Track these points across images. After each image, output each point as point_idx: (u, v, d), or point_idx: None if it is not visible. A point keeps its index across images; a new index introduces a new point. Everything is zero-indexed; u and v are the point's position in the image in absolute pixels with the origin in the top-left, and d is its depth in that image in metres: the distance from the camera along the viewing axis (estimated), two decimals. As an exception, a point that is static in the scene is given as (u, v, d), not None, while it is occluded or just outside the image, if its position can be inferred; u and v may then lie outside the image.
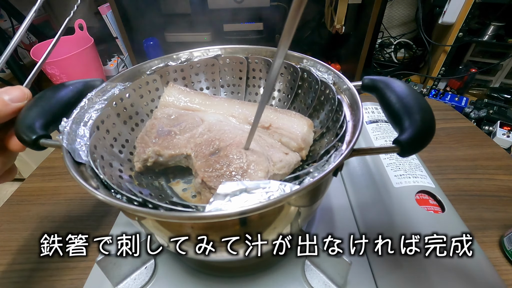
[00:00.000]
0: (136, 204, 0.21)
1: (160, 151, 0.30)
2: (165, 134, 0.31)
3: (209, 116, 0.34)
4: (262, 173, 0.26)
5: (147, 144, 0.30)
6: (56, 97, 0.28)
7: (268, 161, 0.28)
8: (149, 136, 0.31)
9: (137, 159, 0.30)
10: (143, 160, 0.30)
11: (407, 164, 0.39)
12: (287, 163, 0.29)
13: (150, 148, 0.30)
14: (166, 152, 0.30)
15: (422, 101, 0.24)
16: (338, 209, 0.41)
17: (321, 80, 0.33)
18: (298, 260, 0.34)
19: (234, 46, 0.39)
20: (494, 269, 0.29)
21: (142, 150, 0.30)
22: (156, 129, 0.32)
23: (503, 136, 0.72)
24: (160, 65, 0.37)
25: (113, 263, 0.31)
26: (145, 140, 0.31)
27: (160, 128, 0.32)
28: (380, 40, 1.24)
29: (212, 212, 0.18)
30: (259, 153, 0.28)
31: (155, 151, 0.30)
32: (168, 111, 0.34)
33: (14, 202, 0.46)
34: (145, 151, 0.30)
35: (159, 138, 0.31)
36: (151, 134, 0.31)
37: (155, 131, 0.31)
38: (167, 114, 0.33)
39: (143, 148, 0.30)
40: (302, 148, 0.31)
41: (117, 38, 1.04)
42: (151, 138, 0.31)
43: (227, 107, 0.36)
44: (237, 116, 0.35)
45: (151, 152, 0.30)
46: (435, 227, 0.31)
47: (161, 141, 0.30)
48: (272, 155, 0.29)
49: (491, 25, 0.92)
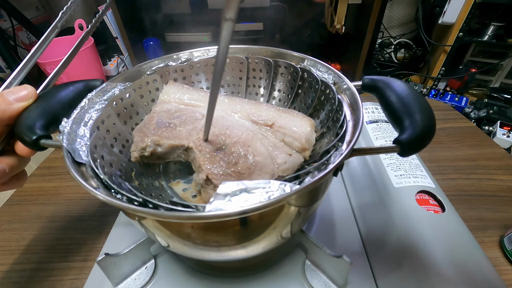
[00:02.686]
0: (136, 204, 0.21)
1: (160, 141, 0.29)
2: (165, 125, 0.30)
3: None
4: (267, 175, 0.26)
5: (145, 134, 0.30)
6: (56, 98, 0.28)
7: (273, 163, 0.28)
8: (148, 127, 0.30)
9: (134, 148, 0.29)
10: (140, 148, 0.29)
11: (407, 164, 0.38)
12: (291, 164, 0.29)
13: (149, 137, 0.29)
14: (166, 142, 0.29)
15: (423, 100, 0.24)
16: (338, 209, 0.41)
17: (321, 80, 0.33)
18: (298, 260, 0.34)
19: (234, 46, 0.39)
20: (494, 269, 0.29)
21: (140, 139, 0.29)
22: (155, 120, 0.31)
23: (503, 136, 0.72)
24: (160, 65, 0.37)
25: (113, 263, 0.31)
26: (143, 130, 0.30)
27: (159, 120, 0.31)
28: (380, 40, 1.23)
29: (212, 212, 0.18)
30: (265, 154, 0.28)
31: (154, 141, 0.29)
32: (167, 106, 0.33)
33: (14, 202, 0.46)
34: (144, 139, 0.29)
35: (158, 129, 0.30)
36: (149, 125, 0.30)
37: (154, 122, 0.31)
38: (166, 109, 0.33)
39: (141, 138, 0.29)
40: (306, 148, 0.31)
41: (117, 38, 1.04)
42: (149, 129, 0.30)
43: (228, 104, 0.35)
44: (239, 112, 0.34)
45: (149, 141, 0.29)
46: (435, 227, 0.31)
47: (160, 132, 0.30)
48: (277, 156, 0.29)
49: (491, 25, 0.92)
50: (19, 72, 0.30)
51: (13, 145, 0.26)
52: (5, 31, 0.97)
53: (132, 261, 0.33)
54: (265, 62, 0.38)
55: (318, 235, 0.37)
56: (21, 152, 0.25)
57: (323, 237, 0.37)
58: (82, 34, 0.33)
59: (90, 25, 0.33)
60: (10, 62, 0.90)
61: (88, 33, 0.33)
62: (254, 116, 0.33)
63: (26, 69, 0.30)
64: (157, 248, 0.36)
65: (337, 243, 0.37)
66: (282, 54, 0.37)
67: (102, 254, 0.29)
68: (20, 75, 0.30)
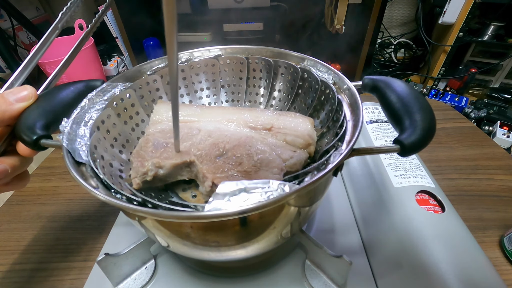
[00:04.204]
0: (136, 204, 0.21)
1: (160, 162, 0.27)
2: (162, 146, 0.29)
3: (206, 125, 0.32)
4: (276, 170, 0.26)
5: (144, 158, 0.28)
6: (57, 98, 0.28)
7: (279, 158, 0.28)
8: (145, 151, 0.29)
9: (135, 175, 0.27)
10: (142, 174, 0.27)
11: (407, 164, 0.38)
12: (297, 160, 0.29)
13: (148, 161, 0.27)
14: (168, 162, 0.27)
15: (423, 100, 0.24)
16: (338, 209, 0.41)
17: (321, 80, 0.33)
18: (298, 260, 0.34)
19: (234, 46, 0.39)
20: (494, 269, 0.29)
21: (140, 163, 0.27)
22: (151, 143, 0.29)
23: (503, 136, 0.72)
24: (161, 65, 0.37)
25: (113, 263, 0.31)
26: (141, 154, 0.28)
27: (155, 142, 0.29)
28: (380, 40, 1.24)
29: (211, 212, 0.18)
30: (269, 152, 0.28)
31: (154, 163, 0.27)
32: (160, 126, 0.32)
33: (14, 202, 0.46)
34: (144, 164, 0.27)
35: (156, 151, 0.29)
36: (146, 148, 0.29)
37: (150, 145, 0.29)
38: (160, 129, 0.31)
39: (141, 162, 0.27)
40: (310, 143, 0.31)
41: (117, 38, 1.04)
42: (147, 152, 0.29)
43: (222, 114, 0.34)
44: (235, 121, 0.33)
45: (150, 164, 0.27)
46: (435, 227, 0.31)
47: (158, 154, 0.28)
48: (281, 154, 0.29)
49: (491, 25, 0.92)
50: (20, 73, 0.30)
51: (15, 146, 0.26)
52: (5, 31, 0.97)
53: (132, 261, 0.33)
54: (265, 62, 0.38)
55: (318, 235, 0.37)
56: (23, 152, 0.25)
57: (323, 237, 0.37)
58: (82, 34, 0.33)
59: (90, 25, 0.33)
60: (10, 62, 0.90)
61: (88, 33, 0.33)
62: (251, 123, 0.33)
63: (27, 71, 0.30)
64: (157, 248, 0.36)
65: (337, 243, 0.37)
66: (282, 54, 0.37)
67: (102, 254, 0.29)
68: (21, 76, 0.30)
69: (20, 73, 0.30)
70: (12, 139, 0.26)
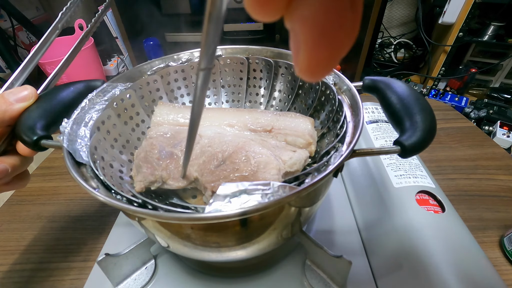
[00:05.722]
0: (136, 205, 0.21)
1: (169, 181, 0.28)
2: (168, 155, 0.29)
3: (206, 130, 0.33)
4: (274, 171, 0.26)
5: (153, 166, 0.28)
6: (57, 98, 0.28)
7: (277, 160, 0.28)
8: (152, 156, 0.29)
9: (142, 179, 0.27)
10: (149, 182, 0.28)
11: (407, 164, 0.38)
12: (297, 159, 0.29)
13: (158, 172, 0.28)
14: (174, 184, 0.28)
15: (423, 102, 0.24)
16: (338, 209, 0.41)
17: (322, 81, 0.33)
18: (298, 260, 0.34)
19: (234, 47, 0.39)
20: (494, 269, 0.29)
21: (150, 171, 0.28)
22: (157, 149, 0.29)
23: (503, 136, 0.72)
24: (161, 65, 0.37)
25: (113, 263, 0.31)
26: (149, 160, 0.28)
27: (161, 149, 0.29)
28: (380, 40, 1.24)
29: (212, 213, 0.18)
30: (266, 153, 0.28)
31: (163, 178, 0.28)
32: (162, 129, 0.32)
33: (14, 202, 0.46)
34: (154, 173, 0.28)
35: (162, 161, 0.29)
36: (152, 154, 0.29)
37: (156, 152, 0.29)
38: (162, 132, 0.32)
39: (151, 170, 0.28)
40: (311, 142, 0.31)
41: (117, 38, 1.04)
42: (153, 159, 0.29)
43: (222, 117, 0.34)
44: (235, 124, 0.34)
45: (159, 177, 0.28)
46: (435, 227, 0.31)
47: (165, 165, 0.28)
48: (280, 154, 0.29)
49: (491, 25, 0.92)
50: (20, 73, 0.30)
51: (15, 145, 0.26)
52: (5, 31, 0.97)
53: (132, 261, 0.33)
54: (265, 62, 0.38)
55: (318, 235, 0.37)
56: (23, 152, 0.26)
57: (323, 237, 0.37)
58: (82, 34, 0.33)
59: (90, 25, 0.33)
60: (10, 62, 0.90)
61: (88, 33, 0.33)
62: (251, 125, 0.33)
63: (27, 71, 0.30)
64: (157, 248, 0.36)
65: (337, 243, 0.37)
66: (282, 54, 0.37)
67: (102, 254, 0.29)
68: (21, 76, 0.30)
69: (20, 73, 0.30)
70: (12, 139, 0.26)
